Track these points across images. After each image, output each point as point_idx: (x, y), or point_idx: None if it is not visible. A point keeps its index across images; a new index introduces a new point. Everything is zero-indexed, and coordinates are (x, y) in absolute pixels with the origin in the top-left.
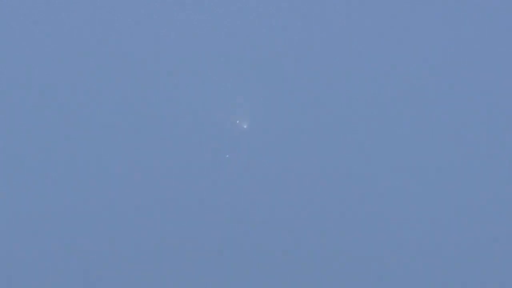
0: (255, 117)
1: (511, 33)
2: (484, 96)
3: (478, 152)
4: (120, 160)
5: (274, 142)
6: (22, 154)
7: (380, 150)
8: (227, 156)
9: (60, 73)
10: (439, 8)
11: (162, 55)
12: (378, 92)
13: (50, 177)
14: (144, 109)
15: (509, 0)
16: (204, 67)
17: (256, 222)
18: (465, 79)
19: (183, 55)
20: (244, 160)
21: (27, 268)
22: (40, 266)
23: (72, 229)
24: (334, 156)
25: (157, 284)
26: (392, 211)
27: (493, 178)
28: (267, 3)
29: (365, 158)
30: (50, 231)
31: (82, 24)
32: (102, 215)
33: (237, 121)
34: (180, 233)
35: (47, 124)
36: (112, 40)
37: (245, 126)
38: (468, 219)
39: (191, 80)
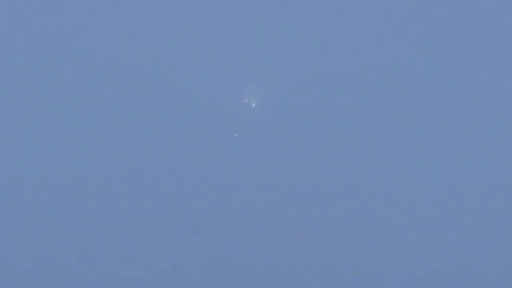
0: (263, 95)
1: (510, 32)
2: (485, 95)
3: (479, 153)
4: (123, 153)
5: (283, 121)
6: (22, 155)
7: (383, 144)
8: (236, 135)
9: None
10: (439, 7)
11: (168, 36)
12: (381, 89)
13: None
14: (150, 90)
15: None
16: (210, 44)
17: (264, 203)
18: (466, 77)
19: (190, 36)
20: (252, 140)
21: (27, 268)
22: (39, 266)
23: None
24: (343, 136)
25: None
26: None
27: (495, 177)
28: None
29: (370, 147)
30: (51, 231)
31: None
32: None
33: (245, 100)
34: (187, 209)
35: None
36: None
37: (253, 105)
38: (470, 220)
39: (197, 59)
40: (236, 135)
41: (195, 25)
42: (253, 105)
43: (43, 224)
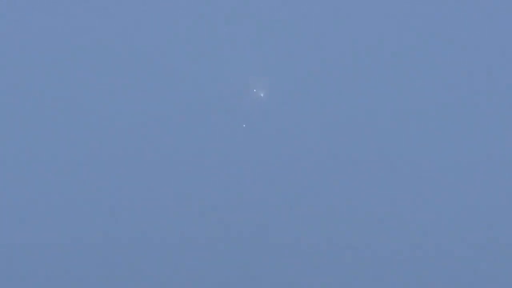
0: (272, 85)
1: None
2: (484, 93)
3: (478, 150)
4: (125, 147)
5: (291, 110)
6: (22, 154)
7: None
8: (244, 125)
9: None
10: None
11: (174, 27)
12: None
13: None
14: (157, 80)
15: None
16: (218, 34)
17: (271, 192)
18: (466, 76)
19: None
20: (261, 130)
21: (26, 267)
22: (39, 264)
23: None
24: (351, 130)
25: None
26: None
27: (495, 174)
28: None
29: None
30: (51, 227)
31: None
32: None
33: (254, 90)
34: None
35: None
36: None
37: (262, 95)
38: (472, 221)
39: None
40: (244, 125)
41: (201, 19)
42: (262, 95)
43: (43, 222)
